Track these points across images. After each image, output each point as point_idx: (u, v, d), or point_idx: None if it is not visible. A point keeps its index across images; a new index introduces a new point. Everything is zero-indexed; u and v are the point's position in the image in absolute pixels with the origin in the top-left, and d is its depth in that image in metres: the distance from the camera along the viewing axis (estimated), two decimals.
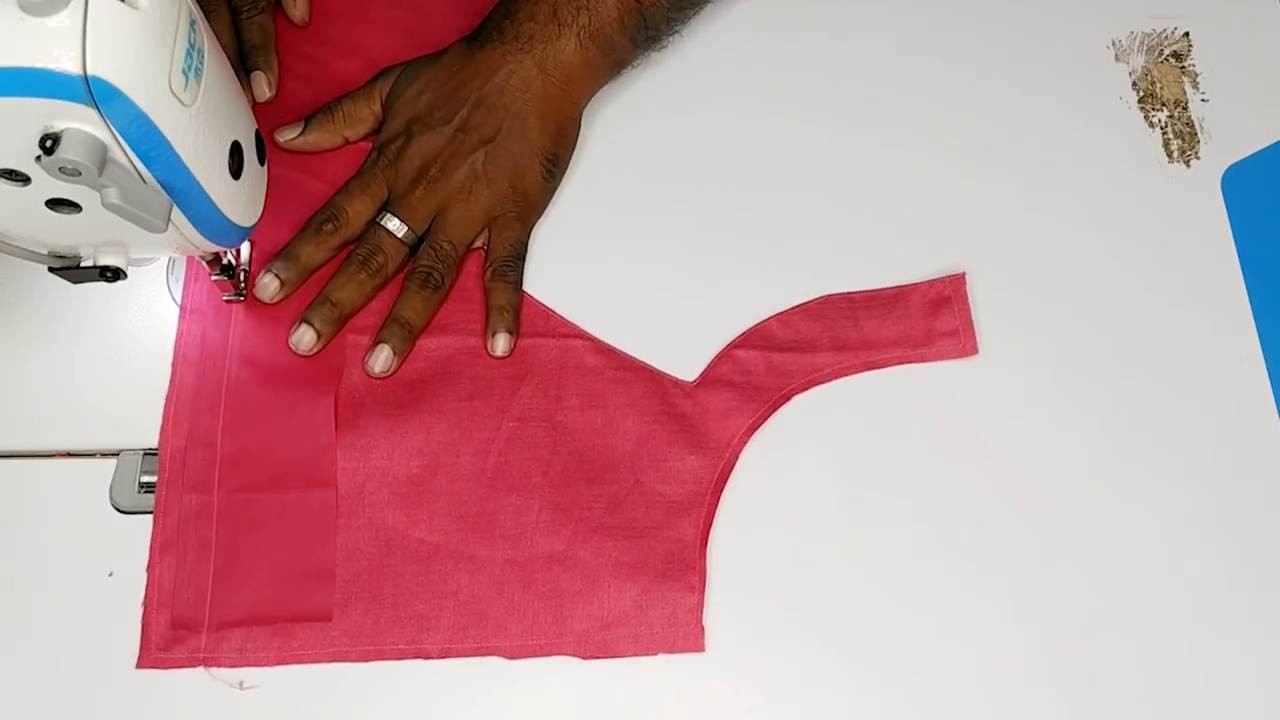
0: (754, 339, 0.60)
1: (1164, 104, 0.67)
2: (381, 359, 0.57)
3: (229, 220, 0.49)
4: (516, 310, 0.59)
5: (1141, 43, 0.69)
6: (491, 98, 0.60)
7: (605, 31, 0.60)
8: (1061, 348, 0.61)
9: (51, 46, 0.38)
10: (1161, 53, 0.69)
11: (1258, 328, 0.62)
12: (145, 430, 0.56)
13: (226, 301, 0.58)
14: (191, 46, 0.44)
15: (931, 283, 0.61)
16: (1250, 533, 0.58)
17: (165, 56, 0.42)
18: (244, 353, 0.58)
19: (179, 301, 0.59)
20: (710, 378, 0.59)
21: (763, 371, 0.59)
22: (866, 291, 0.61)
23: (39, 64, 0.38)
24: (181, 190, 0.45)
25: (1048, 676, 0.55)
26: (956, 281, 0.61)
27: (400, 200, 0.59)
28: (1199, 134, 0.67)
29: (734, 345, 0.60)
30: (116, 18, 0.39)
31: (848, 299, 0.61)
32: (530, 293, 0.60)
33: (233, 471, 0.55)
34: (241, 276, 0.58)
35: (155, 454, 0.56)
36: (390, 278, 0.59)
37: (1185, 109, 0.67)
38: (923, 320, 0.60)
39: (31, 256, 0.48)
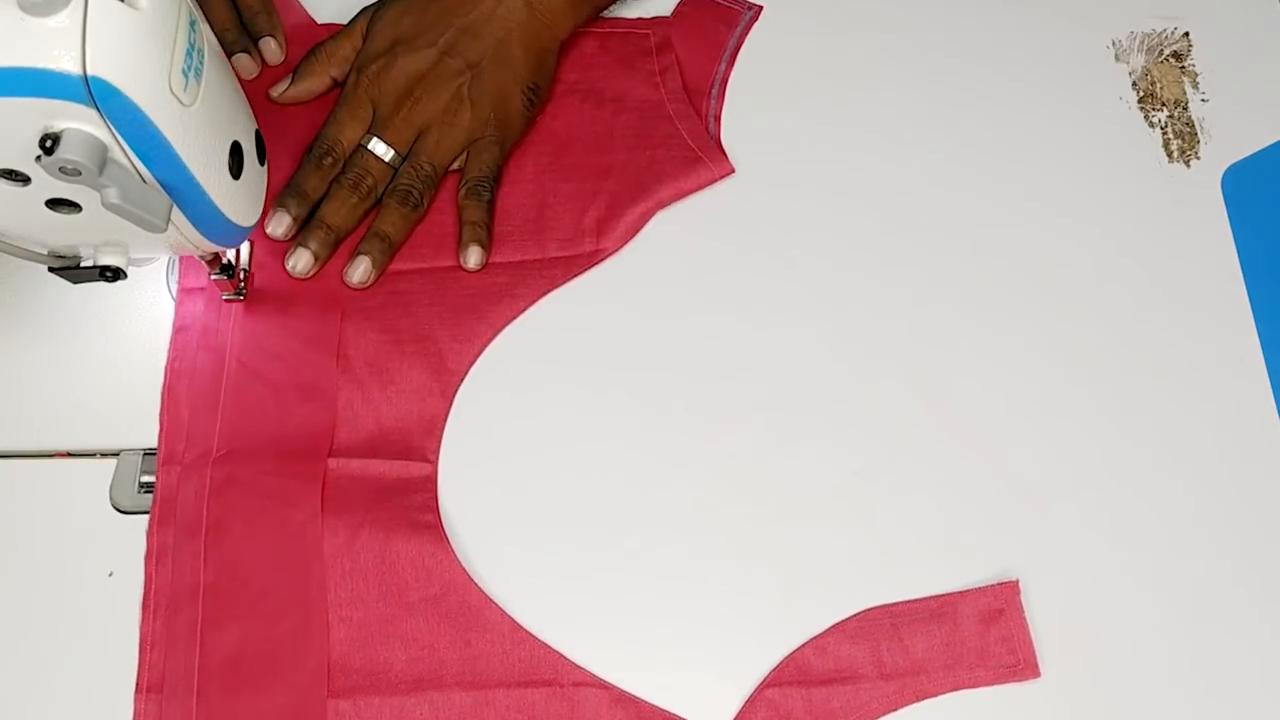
0: (789, 673, 0.53)
1: (1164, 104, 0.67)
2: (360, 270, 0.58)
3: (229, 220, 0.49)
4: (488, 226, 0.60)
5: (1141, 43, 0.69)
6: (478, 25, 0.61)
7: None
8: (1061, 347, 0.61)
9: (51, 46, 0.38)
10: (1161, 53, 0.69)
11: (1258, 328, 0.62)
12: (145, 430, 0.56)
13: (226, 301, 0.58)
14: (191, 46, 0.44)
15: (981, 591, 0.55)
16: (1250, 532, 0.58)
17: (165, 56, 0.42)
18: (216, 659, 0.52)
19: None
20: None
21: (802, 713, 0.52)
22: (909, 603, 0.55)
23: (39, 64, 0.38)
24: (181, 190, 0.45)
25: (1047, 675, 0.55)
26: (1009, 591, 0.55)
27: (385, 121, 0.60)
28: (1199, 134, 0.67)
29: (767, 684, 0.53)
30: (116, 18, 0.39)
31: (889, 613, 0.55)
32: (533, 632, 0.54)
33: None
34: (241, 276, 0.58)
35: (155, 454, 0.55)
36: (379, 199, 0.60)
37: (1185, 109, 0.67)
38: (975, 637, 0.54)
39: (31, 256, 0.48)
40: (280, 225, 0.59)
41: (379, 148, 0.60)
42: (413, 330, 0.59)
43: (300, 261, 0.58)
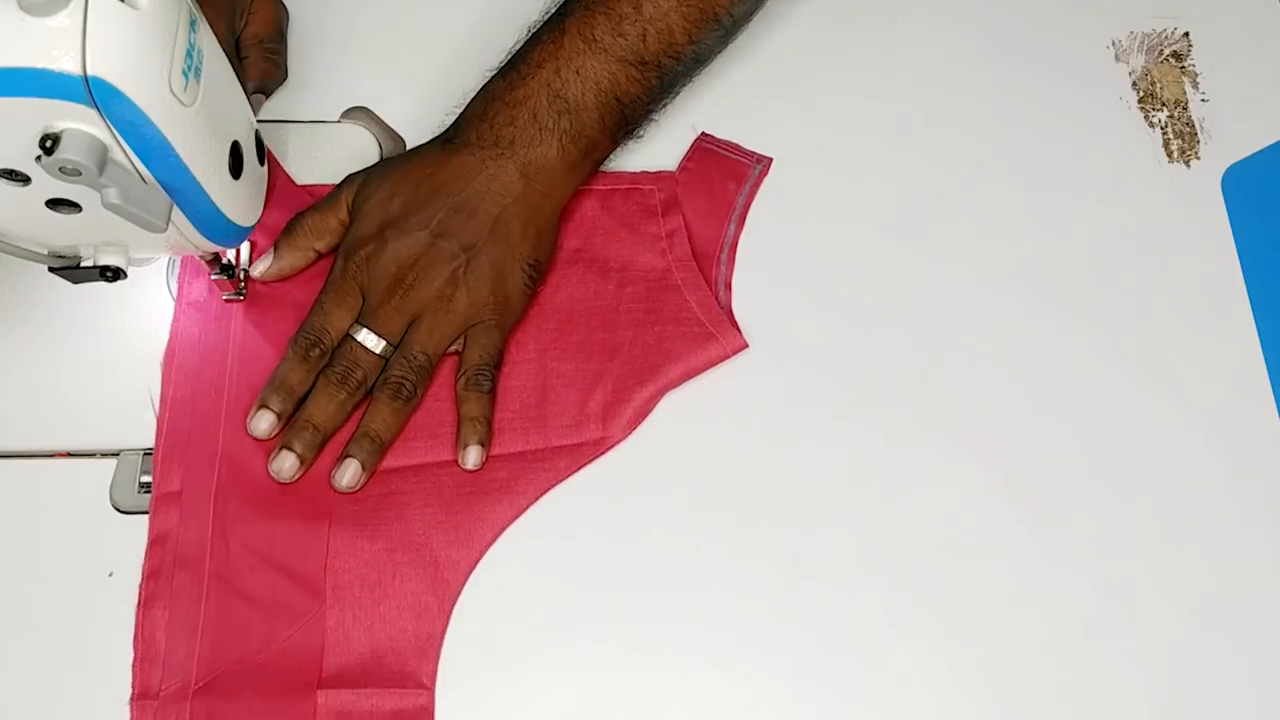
0: None
1: (1164, 104, 0.67)
2: (349, 474, 0.55)
3: (229, 220, 0.49)
4: (489, 420, 0.57)
5: (1141, 43, 0.69)
6: (471, 203, 0.57)
7: (587, 134, 0.58)
8: (1061, 347, 0.61)
9: (51, 46, 0.38)
10: (1161, 53, 0.69)
11: (1258, 328, 0.62)
12: (145, 430, 0.56)
13: (226, 301, 0.58)
14: (191, 46, 0.44)
15: None
16: (1250, 532, 0.58)
17: (165, 56, 0.42)
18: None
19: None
20: None
21: None
22: None
23: (39, 64, 0.38)
24: (181, 190, 0.45)
25: (1048, 676, 0.55)
26: None
27: (375, 310, 0.56)
28: (1199, 134, 0.67)
29: None
30: (116, 18, 0.39)
31: None
32: None
33: None
34: (241, 276, 0.58)
35: (155, 454, 0.55)
36: (369, 391, 0.56)
37: (1185, 109, 0.67)
38: None
39: (31, 256, 0.48)
40: (263, 423, 0.55)
41: (369, 339, 0.56)
42: (405, 537, 0.55)
43: (285, 465, 0.54)
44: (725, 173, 0.64)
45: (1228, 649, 0.56)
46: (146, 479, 0.55)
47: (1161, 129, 0.67)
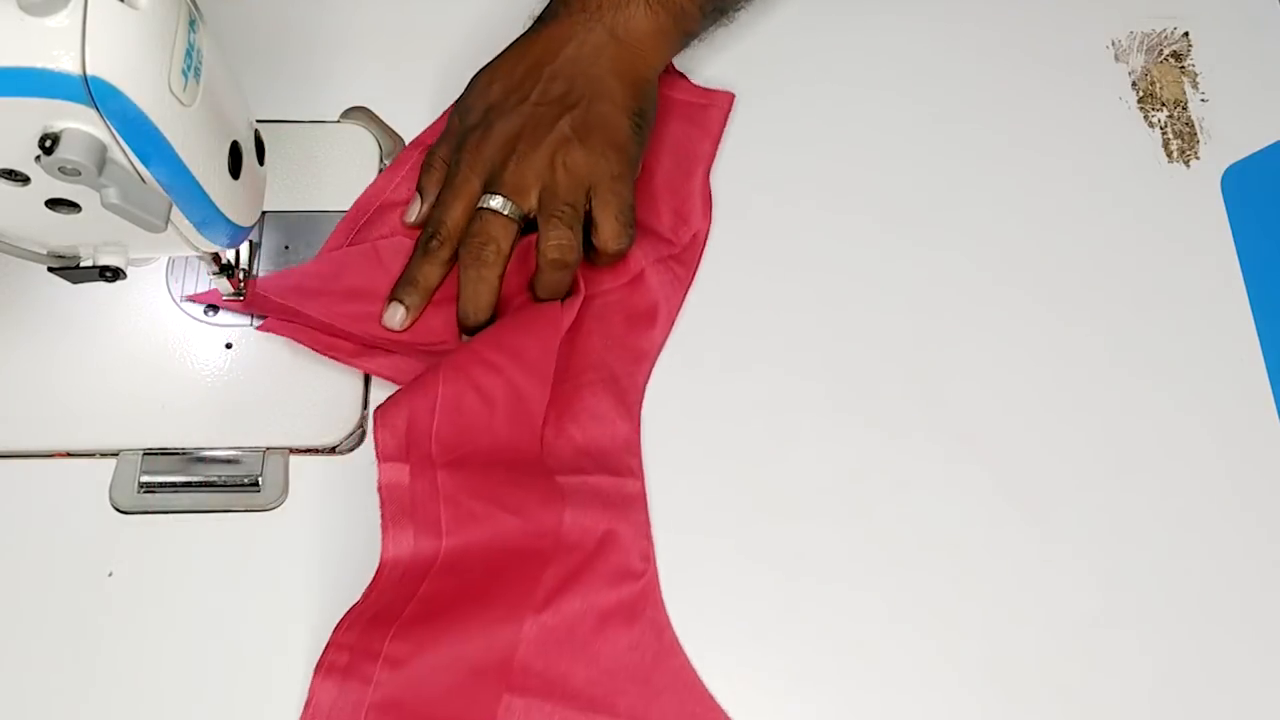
0: None
1: (1164, 104, 0.67)
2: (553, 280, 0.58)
3: (228, 220, 0.49)
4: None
5: (1141, 43, 0.69)
6: (566, 69, 0.59)
7: None
8: (1061, 347, 0.61)
9: (51, 46, 0.38)
10: (1161, 53, 0.69)
11: (1258, 328, 0.62)
12: (145, 430, 0.56)
13: (226, 300, 0.58)
14: (191, 46, 0.44)
15: None
16: (1250, 532, 0.58)
17: (165, 56, 0.42)
18: None
19: (179, 301, 0.59)
20: None
21: None
22: None
23: (39, 64, 0.38)
24: (181, 190, 0.45)
25: (1049, 673, 0.55)
26: None
27: (496, 181, 0.58)
28: (1199, 134, 0.67)
29: None
30: (116, 18, 0.39)
31: None
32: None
33: None
34: (241, 277, 0.58)
35: (155, 454, 0.55)
36: (509, 258, 0.58)
37: (1185, 109, 0.67)
38: None
39: (31, 256, 0.48)
40: (394, 317, 0.58)
41: (495, 201, 0.57)
42: (587, 360, 0.59)
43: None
44: (688, 120, 0.65)
45: (1229, 646, 0.56)
46: (146, 479, 0.55)
47: (1161, 129, 0.67)
